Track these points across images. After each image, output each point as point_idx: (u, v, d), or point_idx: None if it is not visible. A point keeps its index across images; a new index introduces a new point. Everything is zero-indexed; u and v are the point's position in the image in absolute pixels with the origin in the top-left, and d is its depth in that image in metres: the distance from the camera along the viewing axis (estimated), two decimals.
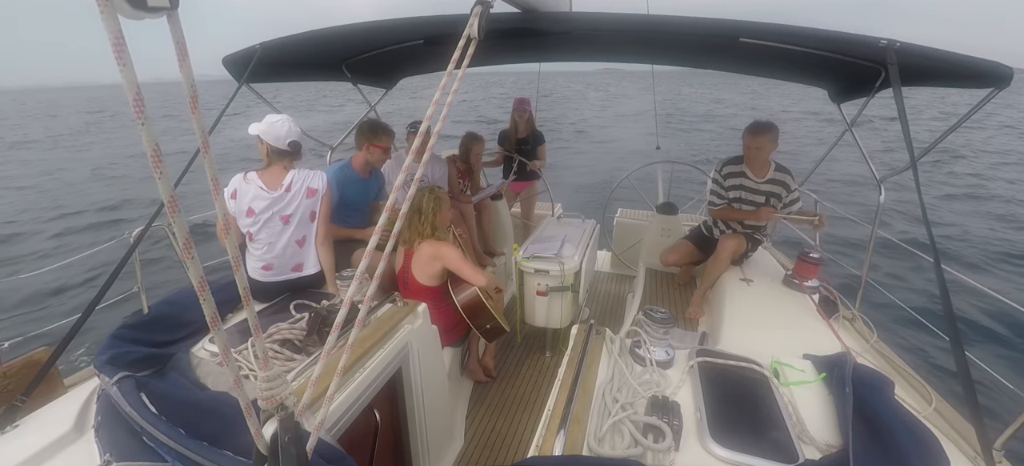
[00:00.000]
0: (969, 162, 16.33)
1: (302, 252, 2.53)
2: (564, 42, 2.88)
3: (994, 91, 2.06)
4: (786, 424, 1.57)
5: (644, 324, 2.00)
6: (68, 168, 18.40)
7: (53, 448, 1.59)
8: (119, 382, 1.55)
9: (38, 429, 1.68)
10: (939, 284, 1.57)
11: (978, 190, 12.62)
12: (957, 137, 18.41)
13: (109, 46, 0.50)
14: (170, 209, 0.66)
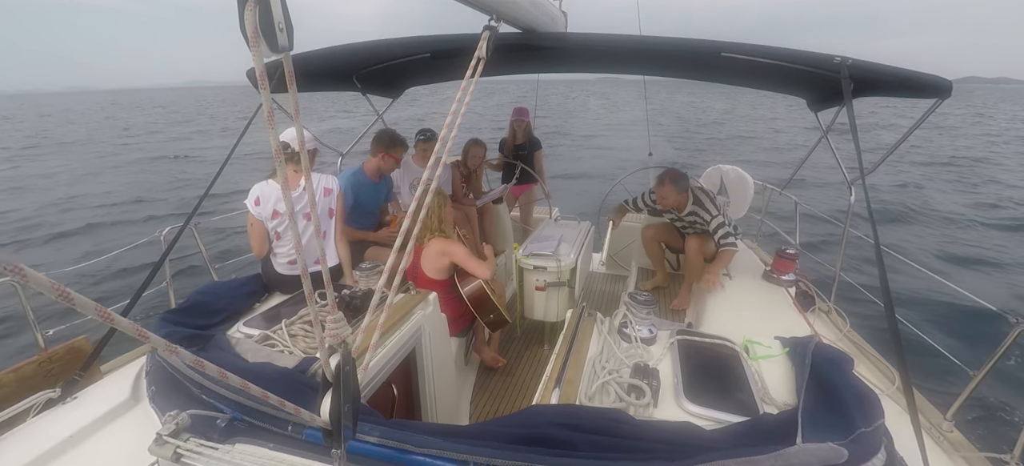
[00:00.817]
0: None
1: (324, 246, 2.77)
2: (561, 57, 3.16)
3: (937, 101, 2.33)
4: (751, 389, 1.82)
5: (630, 306, 2.25)
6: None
7: (114, 413, 1.82)
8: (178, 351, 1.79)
9: (96, 400, 1.91)
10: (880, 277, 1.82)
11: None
12: None
13: (256, 73, 0.76)
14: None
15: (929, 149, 21.82)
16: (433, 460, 1.22)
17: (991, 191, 13.99)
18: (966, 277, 7.62)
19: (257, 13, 0.72)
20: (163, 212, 11.67)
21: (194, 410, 1.45)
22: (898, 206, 11.80)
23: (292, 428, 1.37)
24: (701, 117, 38.27)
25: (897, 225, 10.48)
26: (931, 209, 11.76)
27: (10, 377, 2.48)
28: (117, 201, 13.17)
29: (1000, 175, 16.63)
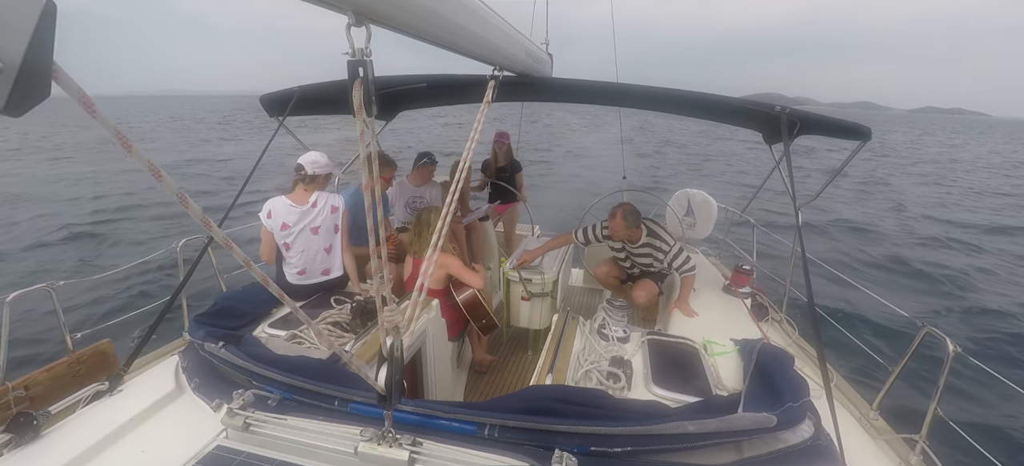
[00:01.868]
0: None
1: (329, 258, 3.08)
2: (547, 93, 3.57)
3: (861, 144, 2.81)
4: (707, 377, 2.21)
5: (608, 310, 2.62)
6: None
7: (164, 401, 2.08)
8: (224, 346, 2.08)
9: (142, 392, 2.16)
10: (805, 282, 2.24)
11: None
12: None
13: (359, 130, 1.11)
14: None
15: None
16: (457, 423, 1.55)
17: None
18: (893, 284, 8.61)
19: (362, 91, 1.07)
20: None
21: (253, 391, 1.74)
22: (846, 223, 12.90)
23: (338, 403, 1.68)
24: (677, 138, 39.76)
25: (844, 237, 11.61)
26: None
27: (44, 376, 2.70)
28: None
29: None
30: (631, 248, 3.78)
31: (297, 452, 1.54)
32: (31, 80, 0.54)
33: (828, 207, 14.73)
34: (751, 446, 1.74)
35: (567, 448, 1.50)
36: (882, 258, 10.29)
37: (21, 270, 8.10)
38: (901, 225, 13.58)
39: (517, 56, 2.38)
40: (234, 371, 2.00)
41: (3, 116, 0.51)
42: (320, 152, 3.08)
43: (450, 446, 1.49)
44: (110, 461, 1.74)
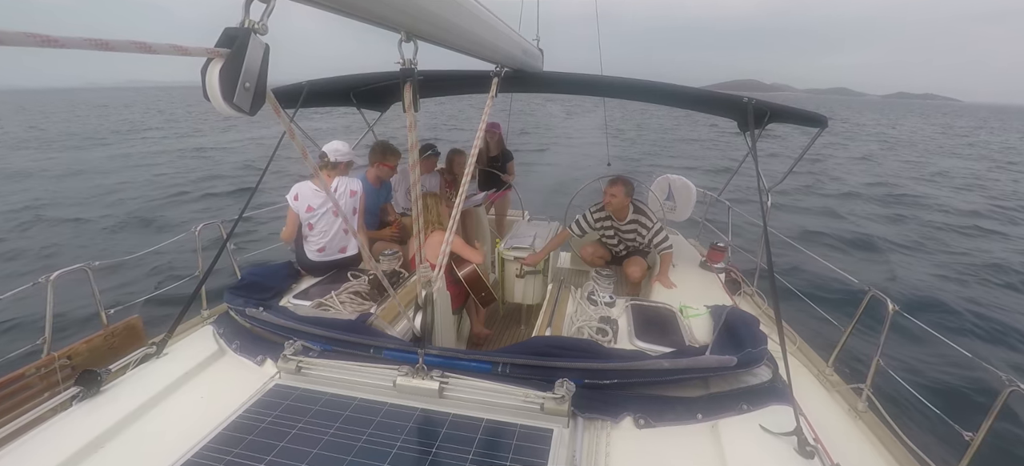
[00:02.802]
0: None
1: (346, 238, 3.37)
2: (539, 86, 3.89)
3: (819, 131, 3.17)
4: (682, 333, 2.56)
5: (596, 279, 2.96)
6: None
7: (210, 359, 2.36)
8: (265, 310, 2.37)
9: (186, 355, 2.42)
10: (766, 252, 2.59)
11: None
12: None
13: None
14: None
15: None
16: (475, 363, 1.87)
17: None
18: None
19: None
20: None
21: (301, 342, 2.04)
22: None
23: (373, 350, 1.99)
24: (657, 124, 40.60)
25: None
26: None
27: (84, 347, 2.97)
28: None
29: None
30: (619, 226, 4.05)
31: (343, 386, 1.85)
32: (260, 94, 0.83)
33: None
34: (716, 383, 2.09)
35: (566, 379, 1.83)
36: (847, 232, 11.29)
37: None
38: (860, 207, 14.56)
39: (515, 54, 2.68)
40: (274, 331, 2.29)
41: (245, 116, 0.81)
42: (341, 141, 3.37)
43: (471, 379, 1.81)
44: (174, 405, 2.03)
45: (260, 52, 0.80)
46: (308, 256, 3.30)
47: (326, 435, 1.59)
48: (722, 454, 1.73)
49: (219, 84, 0.75)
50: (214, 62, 0.76)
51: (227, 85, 0.76)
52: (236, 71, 0.76)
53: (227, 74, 0.75)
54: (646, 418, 1.85)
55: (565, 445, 1.61)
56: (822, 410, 2.59)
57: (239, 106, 0.78)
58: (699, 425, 1.88)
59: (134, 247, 4.09)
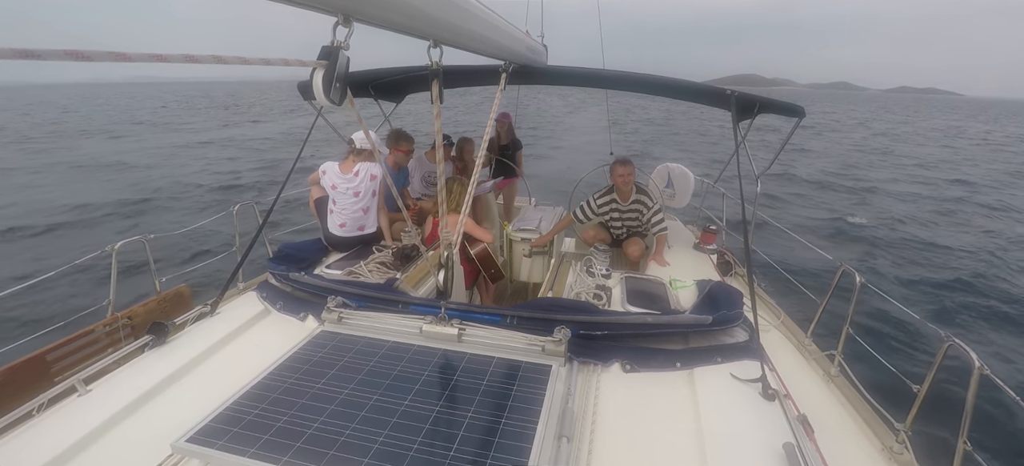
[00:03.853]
0: None
1: (365, 218, 3.73)
2: (543, 79, 4.21)
3: (798, 121, 3.47)
4: (669, 302, 2.90)
5: (594, 254, 3.30)
6: None
7: (257, 317, 2.73)
8: (306, 274, 2.74)
9: (235, 316, 2.79)
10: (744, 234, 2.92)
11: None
12: None
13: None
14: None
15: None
16: (488, 316, 2.23)
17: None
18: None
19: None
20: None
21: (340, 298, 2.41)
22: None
23: (401, 306, 2.35)
24: (653, 116, 40.92)
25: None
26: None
27: (141, 309, 3.36)
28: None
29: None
30: (623, 208, 4.32)
31: (377, 332, 2.21)
32: (344, 90, 1.19)
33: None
34: (695, 339, 2.42)
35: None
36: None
37: None
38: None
39: (521, 52, 3.01)
40: (317, 292, 2.66)
41: (335, 105, 1.17)
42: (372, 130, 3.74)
43: (484, 328, 2.17)
44: (234, 350, 2.41)
45: (346, 64, 1.16)
46: (331, 230, 3.66)
47: (365, 368, 1.95)
48: (695, 395, 2.07)
49: (322, 84, 1.12)
50: (318, 70, 1.12)
51: (327, 85, 1.12)
52: (331, 76, 1.12)
53: (327, 78, 1.12)
54: (632, 364, 2.20)
55: (562, 380, 1.96)
56: (800, 376, 2.89)
57: (332, 99, 1.16)
58: (677, 372, 2.22)
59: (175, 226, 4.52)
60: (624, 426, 1.87)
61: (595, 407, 1.95)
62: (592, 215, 4.38)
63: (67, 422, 1.91)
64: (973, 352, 2.12)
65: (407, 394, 1.77)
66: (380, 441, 1.51)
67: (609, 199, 4.33)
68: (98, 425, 1.88)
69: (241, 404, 1.69)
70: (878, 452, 2.33)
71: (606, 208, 4.38)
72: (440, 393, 1.80)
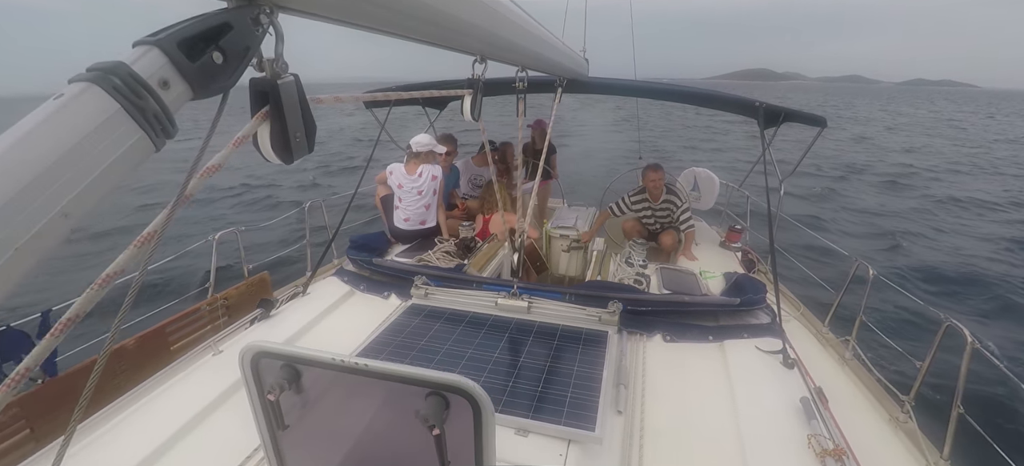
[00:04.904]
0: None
1: (426, 214, 4.19)
2: (588, 89, 4.64)
3: (821, 130, 3.83)
4: (700, 288, 3.29)
5: (633, 246, 3.70)
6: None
7: (345, 296, 3.18)
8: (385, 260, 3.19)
9: (324, 295, 3.25)
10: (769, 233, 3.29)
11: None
12: None
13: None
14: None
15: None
16: (550, 293, 2.65)
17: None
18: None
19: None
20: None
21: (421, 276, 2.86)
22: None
23: (475, 285, 2.79)
24: (685, 120, 41.11)
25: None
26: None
27: (234, 292, 3.86)
28: None
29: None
30: (655, 206, 4.72)
31: (460, 306, 2.66)
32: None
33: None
34: (725, 319, 2.81)
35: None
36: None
37: None
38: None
39: (570, 67, 3.43)
40: (394, 275, 3.11)
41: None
42: (425, 134, 4.20)
43: (549, 302, 2.60)
44: (333, 322, 2.87)
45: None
46: (396, 224, 4.13)
47: (456, 331, 2.39)
48: (725, 361, 2.47)
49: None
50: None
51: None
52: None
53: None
54: (672, 335, 2.60)
55: (615, 345, 2.37)
56: (817, 358, 3.23)
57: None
58: (710, 344, 2.62)
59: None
60: (667, 381, 2.28)
61: (644, 367, 2.36)
62: (627, 210, 4.79)
63: (215, 375, 2.35)
64: (966, 329, 2.47)
65: (494, 349, 2.20)
66: (482, 379, 1.94)
67: (641, 198, 4.73)
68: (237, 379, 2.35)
69: (368, 351, 2.14)
70: (886, 422, 2.67)
71: (639, 206, 4.78)
72: (520, 349, 2.23)
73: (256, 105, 0.69)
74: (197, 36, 0.55)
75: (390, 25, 0.95)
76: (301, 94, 0.72)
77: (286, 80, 0.68)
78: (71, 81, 0.47)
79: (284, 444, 1.27)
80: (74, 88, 0.46)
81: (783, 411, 2.11)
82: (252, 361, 1.17)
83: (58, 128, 0.43)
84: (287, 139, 0.70)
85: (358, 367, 1.08)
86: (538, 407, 1.83)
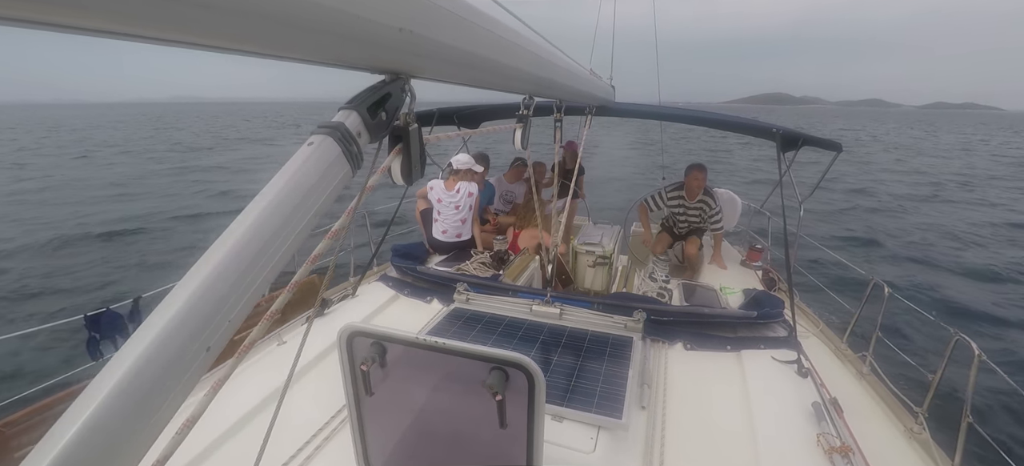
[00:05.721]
0: None
1: (463, 227, 4.49)
2: (614, 113, 4.93)
3: (836, 155, 4.01)
4: (720, 303, 3.50)
5: (655, 262, 3.93)
6: None
7: (389, 301, 3.48)
8: (429, 267, 3.50)
9: (372, 299, 3.56)
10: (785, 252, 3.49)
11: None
12: None
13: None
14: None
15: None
16: (580, 302, 2.91)
17: None
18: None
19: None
20: None
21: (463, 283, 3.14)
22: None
23: (511, 292, 3.06)
24: (708, 143, 41.03)
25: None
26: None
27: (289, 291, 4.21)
28: None
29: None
30: (688, 205, 4.96)
31: (498, 309, 2.93)
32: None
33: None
34: (743, 330, 3.02)
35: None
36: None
37: None
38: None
39: (600, 97, 3.72)
40: (437, 282, 3.41)
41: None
42: (464, 154, 4.53)
43: (579, 309, 2.85)
44: (383, 321, 3.17)
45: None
46: (434, 235, 4.45)
47: (495, 332, 2.66)
48: (742, 368, 2.67)
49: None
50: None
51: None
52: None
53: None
54: (692, 344, 2.82)
55: (639, 350, 2.61)
56: (835, 373, 3.39)
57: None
58: (728, 353, 2.83)
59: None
60: (686, 383, 2.50)
61: (665, 370, 2.59)
62: (662, 205, 5.08)
63: (277, 366, 2.65)
64: (973, 342, 2.63)
65: (530, 350, 2.47)
66: None
67: (677, 194, 4.98)
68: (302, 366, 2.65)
69: None
70: (901, 433, 2.82)
71: (674, 200, 5.02)
72: (553, 350, 2.49)
73: (392, 144, 0.99)
74: (374, 102, 0.85)
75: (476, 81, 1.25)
76: (420, 137, 0.98)
77: (413, 127, 0.94)
78: (314, 132, 0.77)
79: (365, 408, 1.56)
80: (317, 137, 0.76)
81: (794, 413, 2.31)
82: (348, 338, 1.46)
83: (315, 160, 0.73)
84: (410, 168, 0.97)
85: (436, 344, 1.36)
86: (571, 398, 2.08)
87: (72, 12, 0.40)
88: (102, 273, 9.70)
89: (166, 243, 11.86)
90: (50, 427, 0.45)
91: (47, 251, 10.96)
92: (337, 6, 0.62)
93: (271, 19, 0.54)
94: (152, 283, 3.25)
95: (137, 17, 0.44)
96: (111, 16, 0.42)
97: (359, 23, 0.67)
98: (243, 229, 0.63)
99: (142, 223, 13.42)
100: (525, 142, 1.90)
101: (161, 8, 0.45)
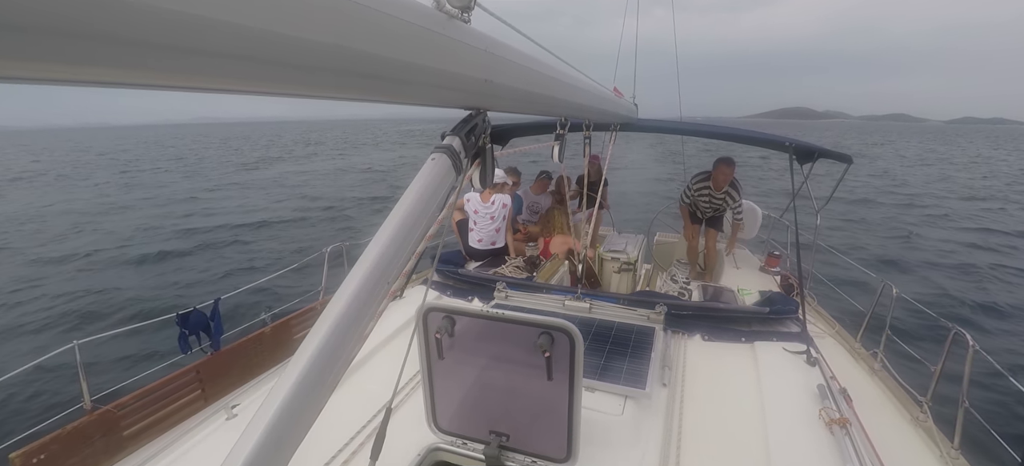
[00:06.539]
0: None
1: (497, 236, 4.88)
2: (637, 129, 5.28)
3: (847, 167, 4.28)
4: (736, 302, 3.79)
5: (677, 264, 4.24)
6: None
7: (432, 299, 3.89)
8: (469, 271, 3.89)
9: (418, 300, 3.96)
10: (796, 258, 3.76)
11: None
12: None
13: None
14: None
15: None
16: (607, 298, 3.25)
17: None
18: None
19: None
20: None
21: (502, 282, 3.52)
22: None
23: (544, 290, 3.42)
24: (728, 152, 41.13)
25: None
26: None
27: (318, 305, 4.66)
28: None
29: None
30: (714, 194, 5.26)
31: (533, 305, 3.30)
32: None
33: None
34: (758, 325, 3.31)
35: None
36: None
37: None
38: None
39: (624, 115, 4.08)
40: (477, 283, 3.79)
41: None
42: (499, 168, 4.94)
43: (606, 304, 3.20)
44: None
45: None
46: (470, 244, 4.85)
47: None
48: (755, 357, 2.97)
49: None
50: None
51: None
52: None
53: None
54: (709, 336, 3.13)
55: (661, 340, 2.93)
56: (849, 369, 3.63)
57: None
58: (743, 344, 3.13)
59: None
60: (704, 369, 2.81)
61: (684, 357, 2.91)
62: (690, 194, 5.40)
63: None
64: (968, 335, 2.88)
65: None
66: None
67: (704, 184, 5.28)
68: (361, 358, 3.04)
69: None
70: (907, 422, 3.06)
71: (700, 189, 5.33)
72: (585, 339, 2.82)
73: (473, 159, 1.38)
74: (467, 129, 1.24)
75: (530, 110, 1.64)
76: (492, 152, 1.32)
77: (488, 146, 1.29)
78: (433, 151, 1.16)
79: (436, 371, 1.94)
80: (437, 154, 1.15)
81: (800, 393, 2.60)
82: (425, 314, 1.85)
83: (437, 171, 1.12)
84: (486, 176, 1.37)
85: (498, 314, 1.74)
86: (602, 374, 2.43)
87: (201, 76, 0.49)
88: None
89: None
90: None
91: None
92: (451, 70, 1.00)
93: (410, 84, 0.92)
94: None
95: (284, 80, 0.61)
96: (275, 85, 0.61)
97: (460, 79, 1.06)
98: (404, 210, 1.01)
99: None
100: (561, 157, 2.27)
101: (320, 76, 0.65)
